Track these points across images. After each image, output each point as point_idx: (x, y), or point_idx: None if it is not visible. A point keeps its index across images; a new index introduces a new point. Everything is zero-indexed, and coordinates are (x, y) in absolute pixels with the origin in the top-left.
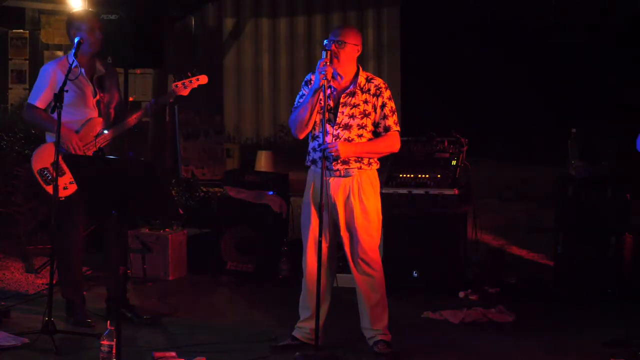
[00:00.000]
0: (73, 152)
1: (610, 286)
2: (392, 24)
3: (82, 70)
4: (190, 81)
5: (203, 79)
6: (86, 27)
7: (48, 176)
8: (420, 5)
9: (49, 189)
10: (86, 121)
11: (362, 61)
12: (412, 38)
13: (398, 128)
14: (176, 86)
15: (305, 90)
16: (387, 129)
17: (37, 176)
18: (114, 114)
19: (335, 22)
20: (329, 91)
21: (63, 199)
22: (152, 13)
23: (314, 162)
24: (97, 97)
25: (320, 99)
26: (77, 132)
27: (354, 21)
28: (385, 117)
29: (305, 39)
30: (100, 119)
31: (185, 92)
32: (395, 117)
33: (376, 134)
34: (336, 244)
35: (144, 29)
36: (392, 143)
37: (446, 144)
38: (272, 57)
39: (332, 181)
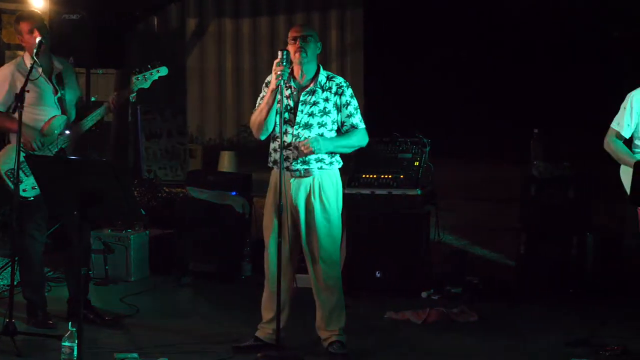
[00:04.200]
0: (35, 152)
1: (573, 286)
2: (355, 25)
3: (40, 68)
4: (151, 73)
5: (163, 71)
6: (21, 29)
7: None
8: (383, 5)
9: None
10: (50, 120)
11: (325, 62)
12: (376, 39)
13: (364, 125)
14: (137, 79)
15: (265, 91)
16: (354, 126)
17: (5, 177)
18: (77, 112)
19: (299, 23)
20: (288, 92)
21: (32, 199)
22: (114, 13)
23: (275, 162)
24: (58, 94)
25: (278, 100)
26: (41, 130)
27: (317, 22)
28: (350, 115)
29: (269, 39)
30: (64, 116)
31: (146, 85)
32: (358, 115)
33: (339, 133)
34: (297, 245)
35: (106, 29)
36: (358, 137)
37: (409, 144)
38: (235, 58)
39: (293, 181)
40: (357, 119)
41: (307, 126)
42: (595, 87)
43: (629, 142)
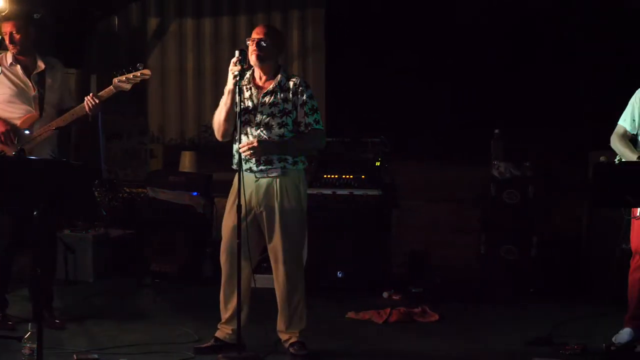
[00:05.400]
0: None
1: (533, 285)
2: (316, 24)
3: (19, 66)
4: (135, 76)
5: (146, 73)
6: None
7: None
8: (345, 6)
9: None
10: (26, 117)
11: (287, 62)
12: (338, 39)
13: (320, 126)
14: (120, 81)
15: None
16: (308, 126)
17: None
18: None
19: (260, 23)
20: (248, 93)
21: None
22: (74, 12)
23: (238, 164)
24: (34, 93)
25: (236, 101)
26: (17, 127)
27: (278, 22)
28: (306, 115)
29: (230, 39)
30: (35, 115)
31: (127, 87)
32: (316, 116)
33: (298, 133)
34: (259, 246)
35: (66, 29)
36: (313, 139)
37: (370, 145)
38: (196, 57)
39: (256, 182)
40: (314, 119)
41: (268, 127)
42: (555, 87)
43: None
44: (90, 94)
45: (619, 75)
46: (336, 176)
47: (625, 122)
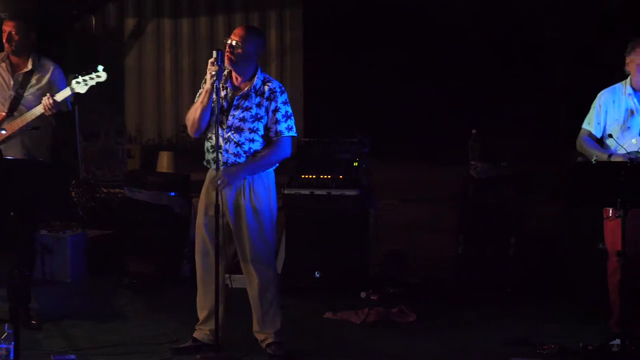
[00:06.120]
0: None
1: (510, 285)
2: (294, 25)
3: (4, 64)
4: (92, 78)
5: (103, 76)
6: None
7: None
8: (323, 5)
9: None
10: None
11: (264, 62)
12: (315, 39)
13: (291, 134)
14: (77, 83)
15: (203, 87)
16: (277, 133)
17: None
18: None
19: (238, 23)
20: (224, 92)
21: None
22: (51, 12)
23: (208, 162)
24: (11, 92)
25: (213, 99)
26: None
27: (256, 22)
28: (277, 121)
29: (208, 39)
30: (2, 115)
31: (83, 89)
32: (289, 122)
33: (268, 139)
34: (232, 246)
35: (43, 28)
36: (280, 151)
37: (348, 144)
38: (174, 58)
39: None
40: (283, 127)
41: (238, 130)
42: (533, 88)
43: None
44: (48, 95)
45: (596, 74)
46: (314, 176)
47: (589, 125)
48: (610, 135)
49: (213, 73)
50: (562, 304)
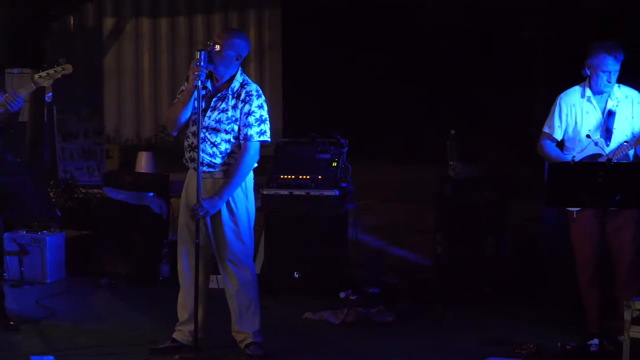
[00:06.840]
0: None
1: (488, 285)
2: (273, 25)
3: None
4: (55, 71)
5: (67, 69)
6: None
7: None
8: (302, 6)
9: None
10: None
11: (243, 62)
12: (295, 39)
13: (260, 138)
14: (40, 77)
15: (185, 85)
16: (247, 138)
17: None
18: None
19: (217, 22)
20: (203, 92)
21: None
22: (29, 12)
23: (186, 160)
24: None
25: (195, 99)
26: None
27: (235, 22)
28: (247, 125)
29: (187, 38)
30: None
31: (47, 83)
32: (262, 127)
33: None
34: (212, 245)
35: (21, 28)
36: (250, 159)
37: (327, 145)
38: (153, 57)
39: (204, 182)
40: (254, 131)
41: (215, 131)
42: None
43: (560, 146)
44: (11, 91)
45: (574, 74)
46: (293, 177)
47: (550, 128)
48: (588, 136)
49: (197, 74)
50: (541, 304)
